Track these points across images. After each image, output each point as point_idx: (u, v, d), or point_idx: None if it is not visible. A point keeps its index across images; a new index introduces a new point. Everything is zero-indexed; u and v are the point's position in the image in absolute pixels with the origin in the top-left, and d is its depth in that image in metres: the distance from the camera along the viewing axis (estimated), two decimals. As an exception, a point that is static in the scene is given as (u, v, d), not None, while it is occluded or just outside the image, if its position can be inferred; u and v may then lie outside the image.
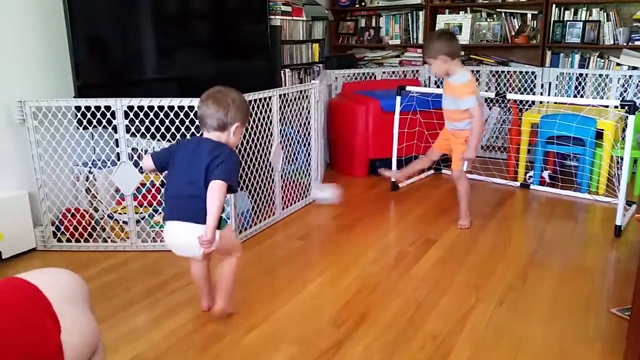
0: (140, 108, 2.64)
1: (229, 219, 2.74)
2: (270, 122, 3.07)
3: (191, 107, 2.64)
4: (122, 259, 2.67)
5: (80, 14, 2.75)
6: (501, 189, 3.85)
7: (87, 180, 2.90)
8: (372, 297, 2.28)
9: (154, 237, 2.79)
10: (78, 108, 2.72)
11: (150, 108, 2.64)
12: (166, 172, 2.01)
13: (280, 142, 3.17)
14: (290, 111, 3.33)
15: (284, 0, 3.99)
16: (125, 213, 2.77)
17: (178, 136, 2.70)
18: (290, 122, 3.33)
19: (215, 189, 1.83)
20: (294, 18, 4.16)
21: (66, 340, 1.05)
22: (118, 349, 1.90)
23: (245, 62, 3.69)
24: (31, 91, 2.78)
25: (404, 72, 5.01)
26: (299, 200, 3.45)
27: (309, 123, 3.51)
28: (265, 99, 3.01)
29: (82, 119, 2.72)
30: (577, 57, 4.52)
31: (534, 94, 4.59)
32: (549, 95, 4.53)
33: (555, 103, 4.05)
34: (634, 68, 4.30)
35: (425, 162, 3.37)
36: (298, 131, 3.43)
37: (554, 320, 2.09)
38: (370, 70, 4.97)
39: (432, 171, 4.18)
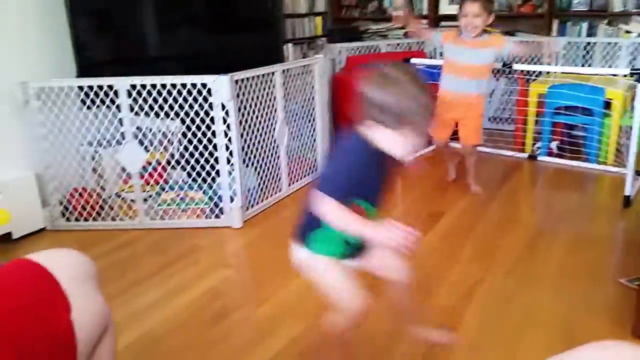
0: (143, 86, 2.62)
1: (235, 195, 2.75)
2: (274, 98, 3.05)
3: (194, 85, 2.62)
4: (131, 237, 2.69)
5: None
6: (508, 160, 3.82)
7: (93, 160, 2.90)
8: (380, 271, 2.28)
9: (161, 215, 2.80)
10: (81, 88, 2.71)
11: (153, 86, 2.63)
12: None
13: (285, 118, 3.15)
14: (295, 87, 3.30)
15: (285, -28, 3.93)
16: (132, 191, 2.78)
17: (182, 114, 2.69)
18: (295, 97, 3.30)
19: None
20: (296, -9, 4.10)
21: (76, 319, 1.06)
22: (128, 326, 1.92)
23: (248, 37, 3.63)
24: (34, 72, 2.77)
25: (408, 44, 4.93)
26: (305, 176, 3.44)
27: (313, 98, 3.48)
28: (268, 74, 2.98)
29: (85, 98, 2.71)
30: (585, 25, 4.44)
31: (541, 64, 4.52)
32: (556, 65, 4.46)
33: (563, 73, 3.99)
34: (644, 35, 4.22)
35: (448, 152, 3.37)
36: (302, 106, 3.40)
37: (562, 290, 2.09)
38: (375, 43, 4.90)
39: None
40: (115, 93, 2.63)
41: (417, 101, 1.25)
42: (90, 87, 2.67)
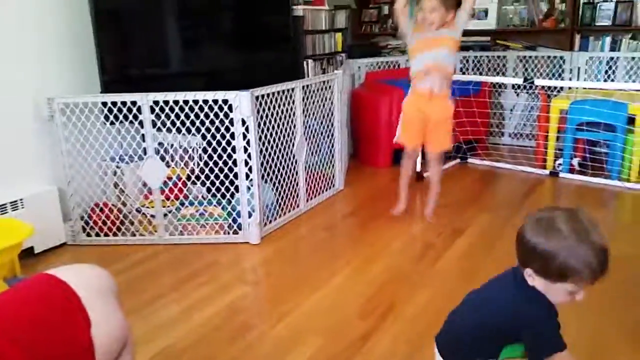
0: (166, 102, 2.66)
1: (254, 211, 2.76)
2: (294, 114, 3.06)
3: (215, 101, 2.65)
4: (151, 252, 2.71)
5: (106, 10, 2.78)
6: (529, 177, 3.78)
7: (114, 175, 2.94)
8: (399, 289, 2.27)
9: (181, 231, 2.82)
10: (105, 104, 2.75)
11: (176, 102, 2.66)
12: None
13: (304, 133, 3.16)
14: (314, 102, 3.31)
15: (306, -10, 3.97)
16: (152, 207, 2.80)
17: (203, 130, 2.72)
18: (314, 113, 3.32)
19: None
20: (317, 7, 4.13)
21: (96, 335, 1.07)
22: (148, 341, 1.92)
23: (268, 53, 3.67)
24: (59, 88, 2.83)
25: (428, 59, 4.92)
26: (323, 192, 3.44)
27: (332, 114, 3.49)
28: (288, 90, 3.00)
29: (108, 114, 2.75)
30: (608, 39, 4.39)
31: (562, 79, 4.48)
32: (578, 80, 4.42)
33: (585, 88, 3.94)
34: (668, 50, 4.16)
35: (409, 171, 3.10)
36: (321, 122, 3.41)
37: (587, 312, 2.04)
38: (394, 58, 4.91)
39: (457, 160, 4.13)
40: (139, 109, 2.67)
41: (579, 258, 1.19)
42: (114, 103, 2.71)
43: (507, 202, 3.23)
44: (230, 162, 2.73)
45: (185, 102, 2.66)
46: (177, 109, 2.67)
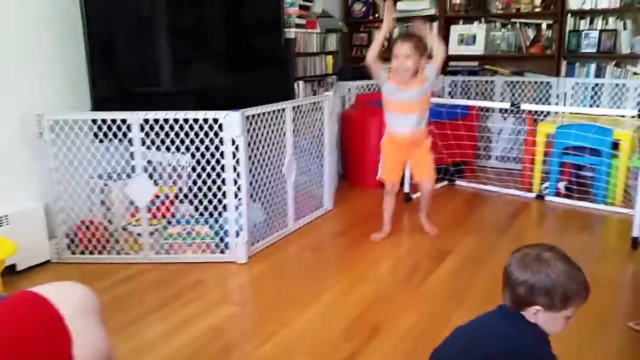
0: (156, 121, 2.67)
1: (241, 230, 2.75)
2: (284, 134, 3.08)
3: (205, 120, 2.66)
4: (136, 271, 2.68)
5: (98, 28, 2.79)
6: (516, 200, 3.81)
7: (101, 193, 2.93)
8: (386, 310, 2.26)
9: (167, 250, 2.80)
10: (95, 121, 2.76)
11: (166, 120, 2.67)
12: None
13: (294, 153, 3.17)
14: (304, 123, 3.34)
15: (298, 13, 4.01)
16: (139, 225, 2.79)
17: (192, 148, 2.72)
18: (304, 133, 3.34)
19: None
20: (308, 30, 4.18)
21: (78, 354, 1.06)
22: (131, 361, 1.90)
23: (260, 74, 3.71)
24: (49, 104, 2.83)
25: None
26: (312, 212, 3.44)
27: (322, 134, 3.51)
28: (279, 110, 3.02)
29: (98, 132, 2.75)
30: (593, 66, 4.48)
31: (549, 104, 4.55)
32: (564, 105, 4.49)
33: (571, 113, 4.01)
34: (651, 77, 4.25)
35: (392, 201, 3.13)
36: (311, 142, 3.43)
37: (571, 333, 2.05)
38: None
39: (445, 182, 4.16)
40: (128, 127, 2.67)
41: (577, 280, 1.27)
42: (104, 121, 2.72)
43: (493, 224, 3.25)
44: (219, 181, 2.73)
45: (176, 120, 2.67)
46: (167, 127, 2.67)
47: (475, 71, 4.96)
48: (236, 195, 2.73)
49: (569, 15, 4.47)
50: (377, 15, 5.32)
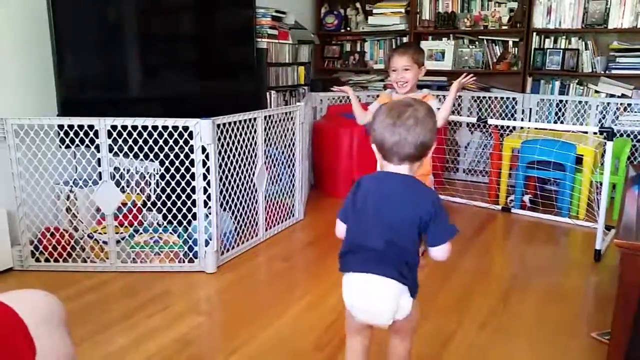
0: (124, 127, 2.63)
1: (210, 239, 2.73)
2: (255, 143, 3.08)
3: (175, 127, 2.64)
4: (101, 280, 2.63)
5: (66, 32, 2.75)
6: (482, 212, 3.88)
7: (67, 199, 2.86)
8: (355, 320, 2.26)
9: (134, 258, 2.75)
10: (61, 126, 2.70)
11: (134, 127, 2.63)
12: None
13: (265, 163, 3.17)
14: (276, 132, 3.34)
15: (270, 23, 4.03)
16: (105, 233, 2.73)
17: (161, 156, 2.69)
18: (275, 143, 3.34)
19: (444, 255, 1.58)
20: (281, 41, 4.19)
21: (41, 364, 1.03)
22: (95, 372, 1.86)
23: (231, 83, 3.70)
24: (13, 108, 2.75)
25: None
26: (282, 221, 3.43)
27: (293, 144, 3.52)
28: (250, 120, 3.02)
29: (64, 137, 2.69)
30: (557, 83, 4.62)
31: (515, 119, 4.67)
32: (529, 120, 4.61)
33: (536, 129, 4.12)
34: (612, 95, 4.40)
35: None
36: (282, 152, 3.43)
37: (536, 344, 2.09)
38: (356, 93, 5.00)
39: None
40: (96, 133, 2.62)
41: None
42: (71, 127, 2.66)
43: (460, 236, 3.26)
44: (188, 189, 2.70)
45: (144, 127, 2.64)
46: (135, 134, 2.64)
47: (444, 86, 5.05)
48: (206, 204, 2.71)
49: (535, 33, 4.60)
50: (348, 28, 5.39)
